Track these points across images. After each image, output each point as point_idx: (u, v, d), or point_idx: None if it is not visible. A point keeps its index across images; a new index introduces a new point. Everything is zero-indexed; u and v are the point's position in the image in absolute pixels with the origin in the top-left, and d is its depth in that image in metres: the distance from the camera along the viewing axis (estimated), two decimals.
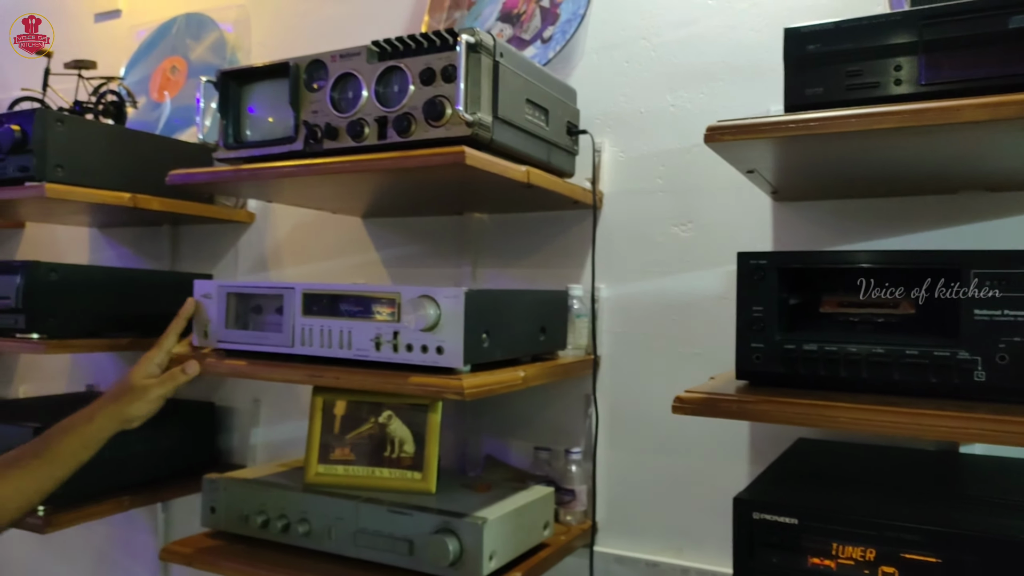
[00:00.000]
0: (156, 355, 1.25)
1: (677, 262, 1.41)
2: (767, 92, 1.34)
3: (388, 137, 1.16)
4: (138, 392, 1.20)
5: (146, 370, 1.23)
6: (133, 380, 1.21)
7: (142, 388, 1.20)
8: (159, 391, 1.21)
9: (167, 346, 1.26)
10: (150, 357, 1.24)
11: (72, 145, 1.53)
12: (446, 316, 1.08)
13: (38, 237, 2.26)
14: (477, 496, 1.26)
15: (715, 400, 0.85)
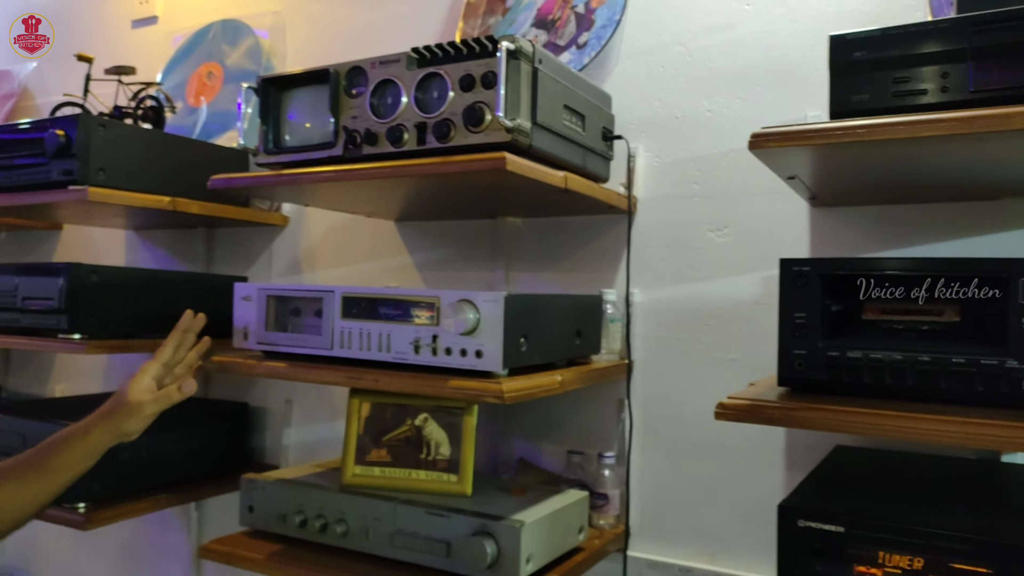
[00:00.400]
0: (152, 368, 1.21)
1: (713, 267, 1.41)
2: (805, 97, 1.33)
3: (427, 143, 1.17)
4: (133, 408, 1.16)
5: (142, 384, 1.18)
6: (129, 395, 1.17)
7: (137, 404, 1.16)
8: (153, 408, 1.18)
9: (163, 358, 1.22)
10: (146, 370, 1.20)
11: (113, 149, 1.56)
12: (485, 320, 1.09)
13: (75, 239, 2.31)
14: (513, 499, 1.26)
15: (759, 407, 0.85)
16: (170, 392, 1.19)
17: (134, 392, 1.17)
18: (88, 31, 2.32)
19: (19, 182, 1.60)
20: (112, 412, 1.16)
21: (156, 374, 1.20)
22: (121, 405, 1.16)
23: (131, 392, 1.16)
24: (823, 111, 1.30)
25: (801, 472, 1.31)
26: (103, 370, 2.25)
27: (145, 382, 1.18)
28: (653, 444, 1.45)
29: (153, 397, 1.18)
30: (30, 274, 1.58)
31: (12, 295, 1.61)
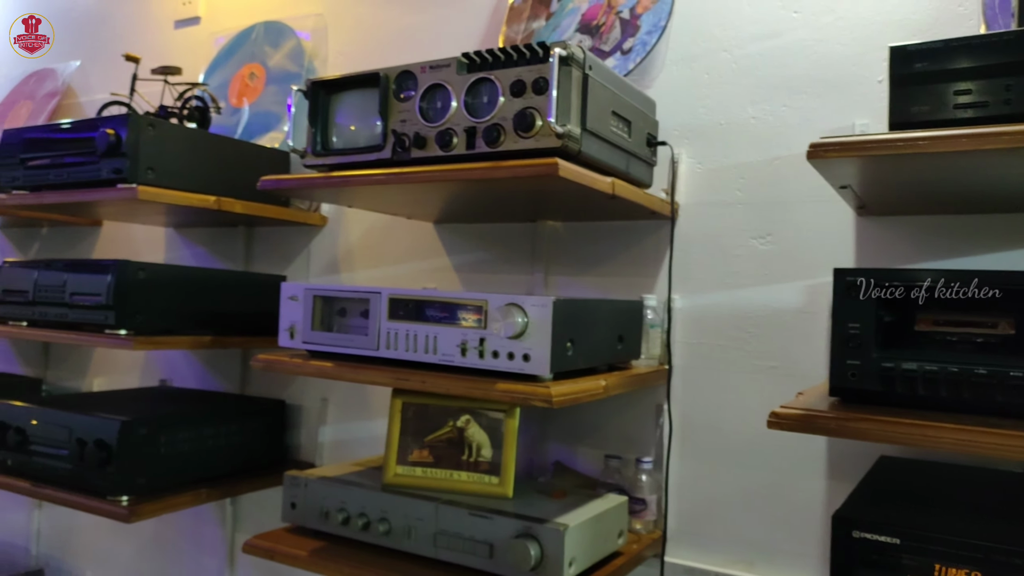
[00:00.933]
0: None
1: (755, 275, 1.41)
2: (852, 106, 1.33)
3: (476, 147, 1.18)
4: None
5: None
6: None
7: None
8: None
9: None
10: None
11: (161, 149, 1.59)
12: (533, 324, 1.10)
13: (115, 235, 2.35)
14: (554, 502, 1.27)
15: (813, 417, 0.86)
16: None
17: None
18: (131, 31, 2.36)
19: (69, 180, 1.63)
20: None
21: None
22: None
23: None
24: (871, 120, 1.31)
25: (843, 481, 1.31)
26: (141, 364, 2.29)
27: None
28: (691, 450, 1.45)
29: None
30: (79, 270, 1.61)
31: (60, 290, 1.64)
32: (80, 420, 1.59)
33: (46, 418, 1.65)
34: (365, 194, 1.38)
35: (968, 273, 0.90)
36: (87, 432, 1.57)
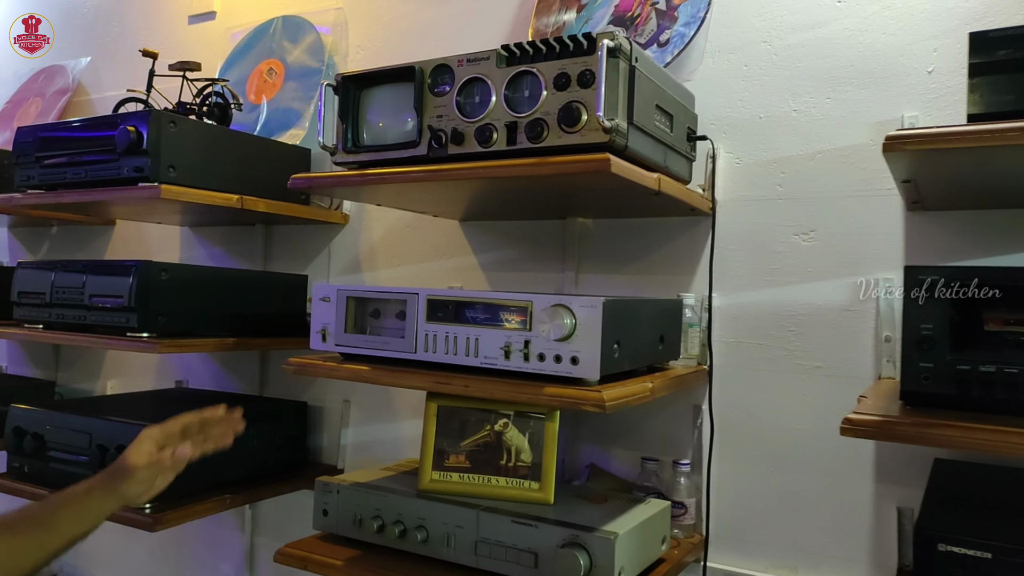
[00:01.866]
0: (155, 432, 1.15)
1: (797, 272, 1.37)
2: (900, 97, 1.29)
3: (518, 143, 1.14)
4: (129, 471, 1.11)
5: (141, 448, 1.13)
6: (127, 458, 1.12)
7: (132, 467, 1.11)
8: (147, 473, 1.12)
9: (170, 429, 1.16)
10: (149, 435, 1.14)
11: (183, 146, 1.55)
12: (582, 326, 1.06)
13: (129, 234, 2.30)
14: (596, 508, 1.23)
15: (891, 423, 0.82)
16: (162, 458, 1.13)
17: (132, 456, 1.11)
18: (143, 26, 2.31)
19: (88, 178, 1.59)
20: (111, 475, 1.11)
21: (158, 439, 1.14)
22: (119, 468, 1.10)
23: (129, 456, 1.11)
24: (920, 112, 1.27)
25: (891, 484, 1.28)
26: (155, 365, 2.25)
27: (145, 446, 1.13)
28: (731, 452, 1.42)
29: (147, 462, 1.12)
30: (98, 272, 1.57)
31: (79, 292, 1.60)
32: (100, 425, 1.55)
33: (64, 423, 1.61)
34: (397, 192, 1.34)
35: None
36: (108, 438, 1.53)
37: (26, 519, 1.08)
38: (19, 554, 1.05)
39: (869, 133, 1.32)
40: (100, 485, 1.11)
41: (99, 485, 1.11)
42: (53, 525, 1.08)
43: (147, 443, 1.14)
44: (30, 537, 1.06)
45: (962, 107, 1.22)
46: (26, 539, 1.06)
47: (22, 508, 1.09)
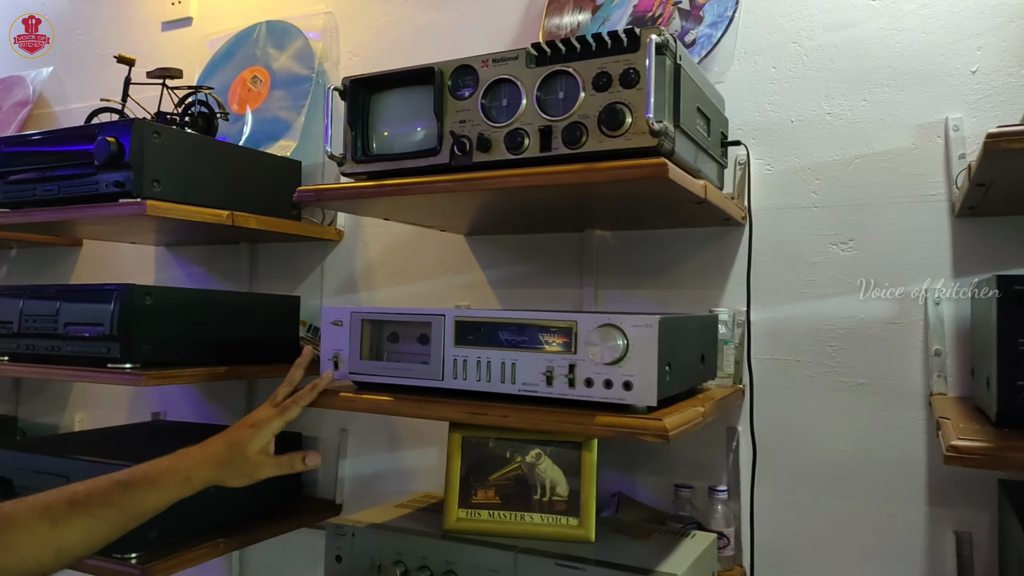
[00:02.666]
0: (275, 423, 1.09)
1: (836, 283, 1.30)
2: (941, 99, 1.23)
3: (553, 149, 1.05)
4: (250, 467, 1.05)
5: (263, 442, 1.07)
6: (248, 451, 1.05)
7: (255, 464, 1.05)
8: (270, 473, 1.08)
9: (290, 417, 1.10)
10: (268, 425, 1.07)
11: (167, 159, 1.42)
12: (635, 347, 0.97)
13: (98, 256, 2.15)
14: (642, 545, 1.14)
15: (1005, 451, 0.74)
16: (294, 463, 1.09)
17: (254, 449, 1.04)
18: (111, 34, 2.17)
19: (60, 195, 1.45)
20: (224, 463, 1.02)
21: (278, 431, 1.09)
22: (235, 460, 1.03)
23: (251, 448, 1.04)
24: (964, 114, 1.21)
25: (946, 507, 1.21)
26: (128, 398, 2.09)
27: (266, 439, 1.06)
28: (770, 477, 1.33)
29: (275, 463, 1.07)
30: (74, 298, 1.43)
31: (52, 320, 1.45)
32: (77, 467, 1.40)
33: (35, 465, 1.46)
34: (415, 204, 1.23)
35: None
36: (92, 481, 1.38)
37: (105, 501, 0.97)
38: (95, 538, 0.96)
39: (910, 136, 1.25)
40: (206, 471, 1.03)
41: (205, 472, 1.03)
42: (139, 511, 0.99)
43: (268, 436, 1.07)
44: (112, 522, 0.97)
45: (1011, 107, 1.17)
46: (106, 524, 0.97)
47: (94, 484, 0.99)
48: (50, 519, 0.94)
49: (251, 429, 1.06)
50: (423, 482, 1.65)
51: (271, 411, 1.10)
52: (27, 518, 0.92)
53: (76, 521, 0.95)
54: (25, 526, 0.92)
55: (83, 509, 0.96)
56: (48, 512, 0.94)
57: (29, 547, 0.91)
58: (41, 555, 0.92)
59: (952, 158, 1.22)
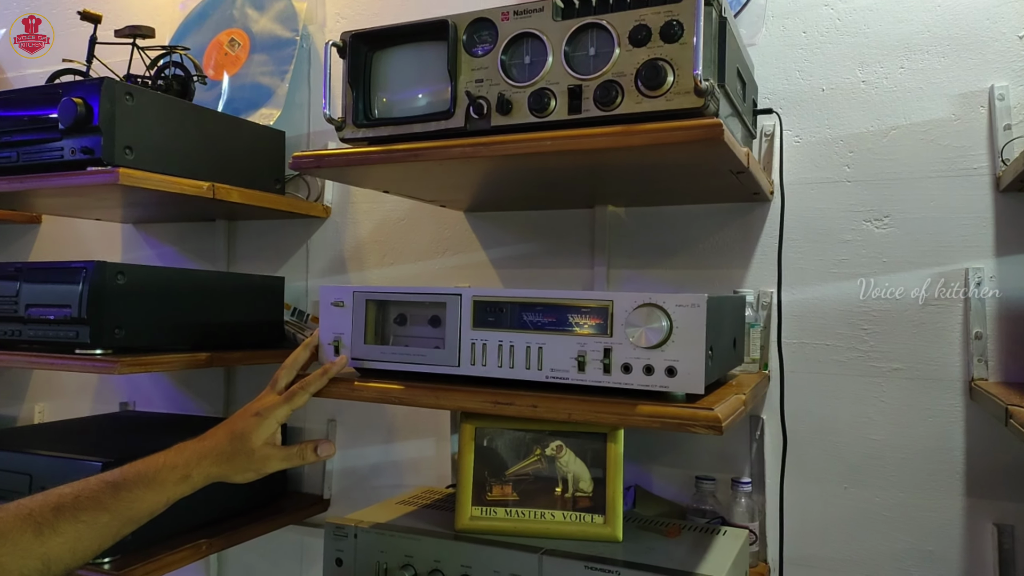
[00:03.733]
0: (281, 411, 0.97)
1: (870, 263, 1.22)
2: (987, 66, 1.16)
3: (583, 111, 0.95)
4: (256, 460, 0.95)
5: (269, 432, 0.96)
6: (252, 442, 0.94)
7: (262, 457, 0.95)
8: (280, 466, 0.97)
9: (298, 404, 0.99)
10: (273, 413, 0.96)
11: (141, 124, 1.29)
12: (679, 329, 0.87)
13: (59, 234, 1.99)
14: (675, 544, 1.05)
15: None
16: (305, 454, 0.98)
17: (260, 440, 0.93)
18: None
19: (20, 162, 1.31)
20: (227, 456, 0.91)
21: (284, 420, 0.97)
22: (241, 451, 0.91)
23: (256, 439, 0.93)
24: (1010, 82, 1.14)
25: (985, 498, 1.15)
26: (92, 387, 1.94)
27: (272, 428, 0.95)
28: (798, 467, 1.26)
29: (283, 455, 0.96)
30: (37, 277, 1.29)
31: (12, 302, 1.31)
32: (42, 464, 1.28)
33: None
34: (422, 173, 1.12)
35: None
36: (53, 478, 1.25)
37: (96, 505, 0.86)
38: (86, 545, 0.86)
39: (951, 106, 1.18)
40: (207, 468, 0.93)
41: (206, 468, 0.93)
42: (134, 513, 0.89)
43: (273, 425, 0.97)
44: (104, 527, 0.87)
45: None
46: (98, 529, 0.86)
47: (85, 487, 0.88)
48: (34, 527, 0.82)
49: (255, 418, 0.95)
50: (419, 476, 1.54)
51: (276, 398, 0.98)
52: (8, 527, 0.80)
53: (63, 528, 0.84)
54: (6, 536, 0.80)
55: (71, 515, 0.85)
56: (32, 519, 0.82)
57: (12, 559, 0.79)
58: (26, 567, 0.80)
59: (997, 129, 1.14)
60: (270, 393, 0.99)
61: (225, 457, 0.92)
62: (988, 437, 1.15)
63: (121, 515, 0.87)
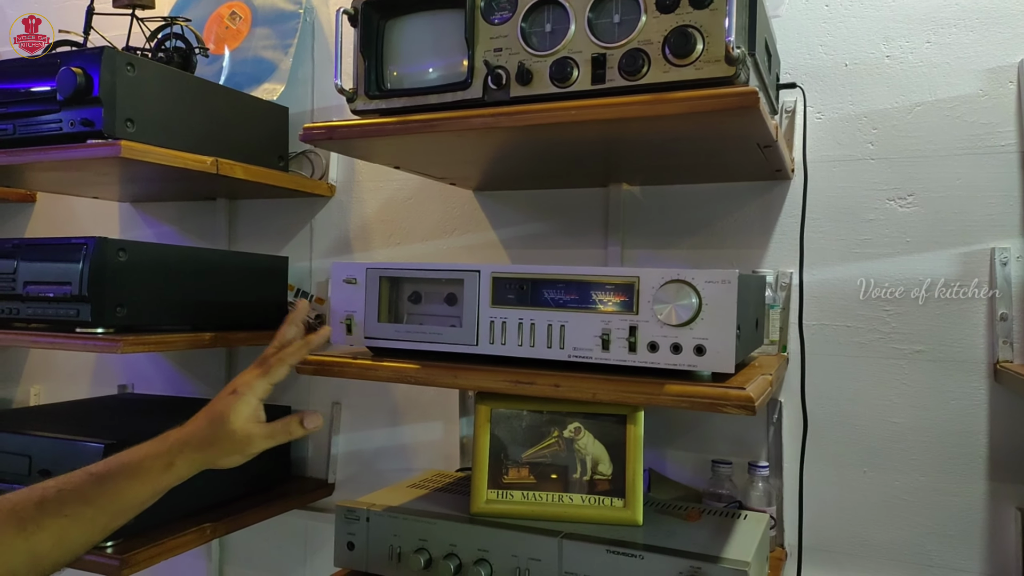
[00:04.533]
0: (261, 387, 0.90)
1: (893, 242, 1.20)
2: (1016, 40, 1.13)
3: (607, 80, 0.91)
4: (238, 442, 0.88)
5: (249, 409, 0.89)
6: (232, 423, 0.87)
7: (244, 438, 0.88)
8: (265, 444, 0.90)
9: (277, 377, 0.92)
10: (252, 389, 0.89)
11: (143, 96, 1.25)
12: (709, 307, 0.84)
13: (53, 213, 1.94)
14: (696, 528, 1.03)
15: None
16: (291, 428, 0.90)
17: (240, 420, 0.87)
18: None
19: (17, 135, 1.26)
20: (209, 442, 0.85)
21: (264, 395, 0.90)
22: (222, 434, 0.85)
23: (235, 419, 0.86)
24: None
25: (1009, 483, 1.13)
26: (90, 368, 1.90)
27: (251, 406, 0.88)
28: (816, 451, 1.23)
29: (267, 432, 0.89)
30: (36, 254, 1.25)
31: (10, 279, 1.27)
32: (42, 445, 1.24)
33: None
34: (436, 146, 1.08)
35: None
36: (54, 460, 1.22)
37: (80, 499, 0.82)
38: (73, 540, 0.82)
39: (979, 82, 1.15)
40: (190, 456, 0.86)
41: (188, 456, 0.86)
42: (119, 506, 0.84)
43: (253, 403, 0.90)
44: (89, 521, 0.82)
45: None
46: (83, 524, 0.82)
47: (68, 481, 0.83)
48: (17, 523, 0.78)
49: (232, 397, 0.88)
50: (426, 459, 1.52)
51: (253, 373, 0.91)
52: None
53: (48, 524, 0.80)
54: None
55: (55, 509, 0.80)
56: (15, 515, 0.78)
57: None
58: (14, 564, 0.76)
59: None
60: (252, 369, 0.93)
61: (207, 442, 0.86)
62: (1012, 420, 1.13)
63: (107, 508, 0.82)
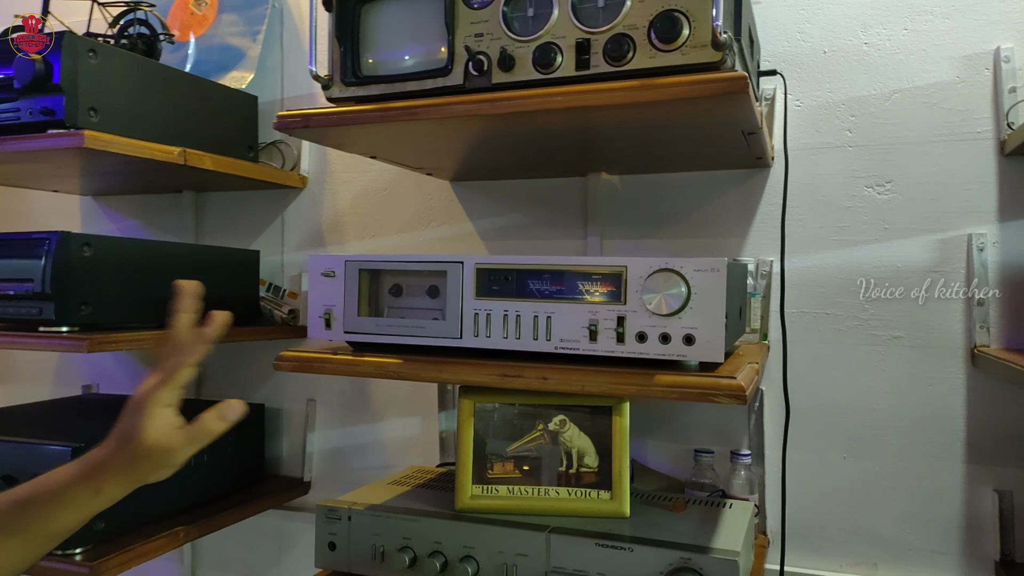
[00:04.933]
0: (166, 394, 0.78)
1: (871, 229, 1.20)
2: (992, 28, 1.14)
3: (592, 66, 0.90)
4: (158, 456, 0.77)
5: (158, 422, 0.77)
6: (149, 439, 0.77)
7: (163, 450, 0.77)
8: (188, 451, 0.79)
9: (181, 381, 0.80)
10: (158, 399, 0.77)
11: (106, 84, 1.20)
12: (698, 296, 0.83)
13: (9, 207, 1.87)
14: (682, 518, 1.02)
15: None
16: (210, 426, 0.79)
17: (155, 434, 0.76)
18: None
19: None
20: (127, 464, 0.76)
21: (174, 401, 0.79)
22: (142, 456, 0.76)
23: (146, 435, 0.76)
24: (1016, 44, 1.12)
25: (985, 465, 1.14)
26: (52, 368, 1.84)
27: (164, 416, 0.78)
28: (797, 438, 1.24)
29: (185, 438, 0.78)
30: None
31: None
32: (6, 451, 1.19)
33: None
34: (415, 135, 1.06)
35: None
36: (18, 466, 1.17)
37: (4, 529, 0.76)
38: None
39: (955, 69, 1.16)
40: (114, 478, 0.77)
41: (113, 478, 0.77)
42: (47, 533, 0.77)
43: (165, 412, 0.78)
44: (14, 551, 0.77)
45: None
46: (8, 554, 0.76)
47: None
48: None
49: (137, 414, 0.78)
50: (405, 456, 1.49)
51: (153, 381, 0.80)
52: None
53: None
54: None
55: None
56: None
57: None
58: None
59: (1002, 92, 1.13)
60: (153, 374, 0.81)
61: (125, 464, 0.77)
62: (989, 404, 1.14)
63: (33, 538, 0.76)
